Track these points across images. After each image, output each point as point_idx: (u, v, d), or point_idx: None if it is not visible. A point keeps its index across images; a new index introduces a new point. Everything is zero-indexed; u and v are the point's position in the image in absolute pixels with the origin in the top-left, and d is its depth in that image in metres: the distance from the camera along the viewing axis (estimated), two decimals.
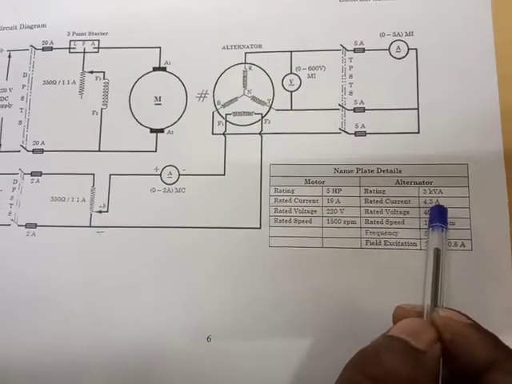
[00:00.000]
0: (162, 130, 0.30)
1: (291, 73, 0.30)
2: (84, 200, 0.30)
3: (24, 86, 0.31)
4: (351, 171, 0.29)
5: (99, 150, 0.30)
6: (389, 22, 0.30)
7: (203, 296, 0.28)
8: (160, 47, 0.31)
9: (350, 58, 0.30)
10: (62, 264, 0.29)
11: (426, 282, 0.24)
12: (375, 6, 0.30)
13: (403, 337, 0.20)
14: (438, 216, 0.27)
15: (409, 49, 0.29)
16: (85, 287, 0.29)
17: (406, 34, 0.30)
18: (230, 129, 0.30)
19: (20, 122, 0.31)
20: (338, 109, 0.29)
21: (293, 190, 0.29)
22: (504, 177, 0.28)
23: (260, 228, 0.29)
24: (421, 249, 0.27)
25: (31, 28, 0.32)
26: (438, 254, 0.25)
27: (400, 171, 0.28)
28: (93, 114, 0.30)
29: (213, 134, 0.30)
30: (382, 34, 0.30)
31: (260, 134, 0.30)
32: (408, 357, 0.19)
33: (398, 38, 0.30)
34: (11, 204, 0.30)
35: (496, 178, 0.28)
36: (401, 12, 0.30)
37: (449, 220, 0.27)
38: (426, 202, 0.28)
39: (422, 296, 0.24)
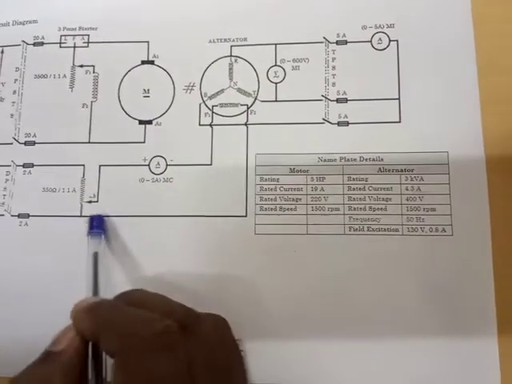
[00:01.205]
0: (150, 122, 0.31)
1: (276, 65, 0.31)
2: (74, 190, 0.30)
3: (16, 80, 0.32)
4: (334, 160, 0.29)
5: (89, 142, 0.31)
6: (370, 14, 0.31)
7: (189, 284, 0.29)
8: (148, 41, 0.32)
9: (333, 50, 0.30)
10: (53, 252, 0.30)
11: (87, 282, 0.26)
12: None
13: (47, 348, 0.22)
14: (96, 224, 0.29)
15: (390, 40, 0.30)
16: (76, 275, 0.29)
17: (388, 26, 0.30)
18: (217, 120, 0.31)
19: (12, 115, 0.32)
20: (322, 100, 0.30)
21: (278, 179, 0.30)
22: (484, 164, 0.28)
23: (246, 216, 0.29)
24: (403, 234, 0.28)
25: (23, 24, 0.33)
26: (96, 257, 0.27)
27: (382, 159, 0.29)
28: (83, 106, 0.31)
29: (200, 125, 0.31)
30: (364, 27, 0.30)
31: (246, 124, 0.30)
32: (45, 362, 0.22)
33: (380, 30, 0.30)
34: (4, 195, 0.31)
35: (475, 164, 0.28)
36: (382, 4, 0.31)
37: (425, 206, 0.28)
38: (407, 189, 0.29)
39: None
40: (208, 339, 0.22)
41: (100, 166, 0.30)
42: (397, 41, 0.30)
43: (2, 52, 0.33)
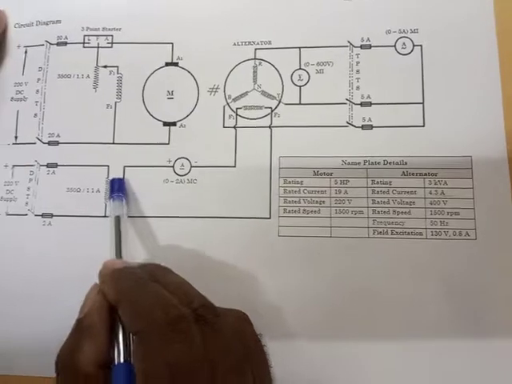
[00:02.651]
0: (174, 124, 0.31)
1: (300, 68, 0.31)
2: (99, 191, 0.30)
3: (39, 79, 0.32)
4: (358, 163, 0.29)
5: (113, 143, 0.31)
6: (395, 19, 0.31)
7: (213, 284, 0.29)
8: (172, 43, 0.32)
9: (357, 54, 0.31)
10: (77, 252, 0.30)
11: (111, 245, 0.26)
12: (381, 3, 0.31)
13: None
14: (117, 188, 0.29)
15: (414, 45, 0.30)
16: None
17: (411, 31, 0.31)
18: (241, 122, 0.31)
19: (35, 114, 0.32)
20: (346, 103, 0.30)
21: (301, 182, 0.30)
22: (507, 168, 0.28)
23: (270, 218, 0.29)
24: (426, 238, 0.28)
25: (47, 24, 0.33)
26: (118, 220, 0.27)
27: (406, 163, 0.29)
28: (107, 107, 0.31)
29: (224, 127, 0.31)
30: (388, 31, 0.31)
31: (270, 127, 0.30)
32: (73, 331, 0.23)
33: (404, 34, 0.31)
34: (28, 195, 0.31)
35: (499, 169, 0.28)
36: (406, 10, 0.31)
37: (449, 210, 0.28)
38: (431, 193, 0.29)
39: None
40: (227, 332, 0.22)
41: (124, 166, 0.31)
42: (421, 46, 0.30)
43: (26, 52, 0.33)
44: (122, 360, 0.21)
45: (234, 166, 0.30)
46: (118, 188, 0.29)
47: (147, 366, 0.19)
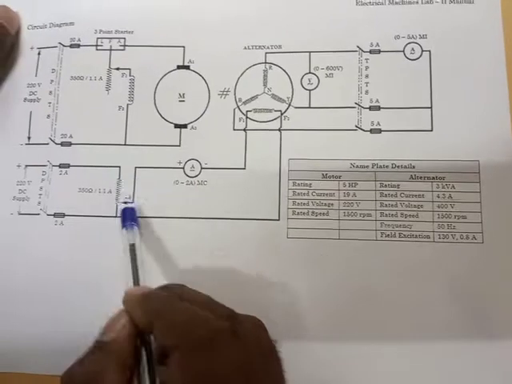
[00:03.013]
0: (185, 126, 0.31)
1: (310, 72, 0.31)
2: (110, 191, 0.31)
3: (52, 81, 0.33)
4: (367, 166, 0.30)
5: (125, 144, 0.31)
6: (403, 25, 0.31)
7: (222, 286, 0.29)
8: (184, 46, 0.32)
9: (367, 59, 0.31)
10: (88, 252, 0.30)
11: (126, 275, 0.26)
12: (390, 9, 0.31)
13: (97, 338, 0.23)
14: (129, 216, 0.29)
15: (422, 51, 0.31)
16: (111, 275, 0.30)
17: (420, 37, 0.31)
18: (251, 125, 0.31)
19: (48, 115, 0.32)
20: (355, 107, 0.31)
21: (310, 184, 0.30)
22: None
23: (279, 220, 0.30)
24: (434, 241, 0.29)
25: (60, 26, 0.33)
26: (133, 248, 0.28)
27: (414, 167, 0.30)
28: (119, 109, 0.32)
29: (234, 129, 0.31)
30: (397, 37, 0.31)
31: (279, 130, 0.31)
32: (95, 354, 0.22)
33: (412, 40, 0.31)
34: (40, 194, 0.31)
35: (506, 173, 0.29)
36: (415, 16, 0.31)
37: (456, 214, 0.29)
38: (438, 197, 0.29)
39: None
40: (248, 341, 0.23)
41: (136, 167, 0.31)
42: (429, 51, 0.31)
43: (39, 54, 0.33)
44: None
45: (244, 168, 0.31)
46: (130, 217, 0.29)
47: (187, 381, 0.20)
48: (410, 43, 0.31)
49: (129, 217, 0.29)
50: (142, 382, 0.22)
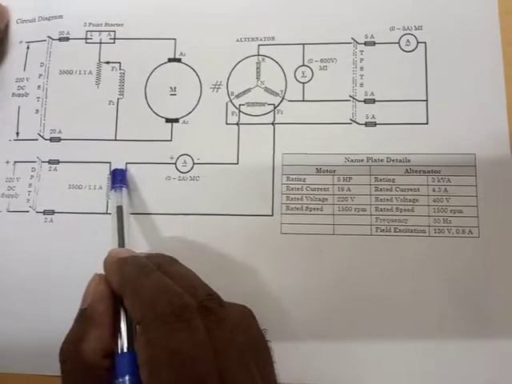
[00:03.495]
0: (176, 120, 0.31)
1: (303, 65, 0.31)
2: (101, 187, 0.30)
3: (41, 75, 0.32)
4: (361, 160, 0.29)
5: (115, 139, 0.31)
6: (399, 16, 0.31)
7: (216, 281, 0.29)
8: (175, 39, 0.32)
9: (361, 51, 0.30)
10: (78, 249, 0.30)
11: (112, 235, 0.27)
12: (385, 0, 0.31)
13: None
14: (118, 177, 0.29)
15: (418, 42, 0.30)
16: (101, 271, 0.29)
17: (416, 28, 0.30)
18: (244, 119, 0.31)
19: (37, 110, 0.32)
20: (349, 100, 0.30)
21: (304, 179, 0.30)
22: (511, 166, 0.28)
23: (272, 215, 0.29)
24: (429, 235, 0.28)
25: (49, 19, 0.33)
26: (120, 210, 0.27)
27: (409, 160, 0.29)
28: (109, 103, 0.31)
29: (226, 123, 0.31)
30: (392, 28, 0.31)
31: (273, 124, 0.30)
32: (76, 322, 0.23)
33: (408, 31, 0.30)
34: (29, 191, 0.31)
35: (503, 166, 0.28)
36: (410, 6, 0.31)
37: (452, 208, 0.28)
38: (434, 191, 0.29)
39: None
40: (233, 325, 0.22)
41: (126, 163, 0.30)
42: (425, 43, 0.30)
43: (28, 48, 0.32)
44: (125, 349, 0.21)
45: (237, 163, 0.30)
46: (120, 179, 0.29)
47: (150, 354, 0.19)
48: (405, 35, 0.30)
49: (118, 178, 0.29)
50: (122, 342, 0.22)
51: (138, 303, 0.21)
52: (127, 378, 0.20)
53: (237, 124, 0.31)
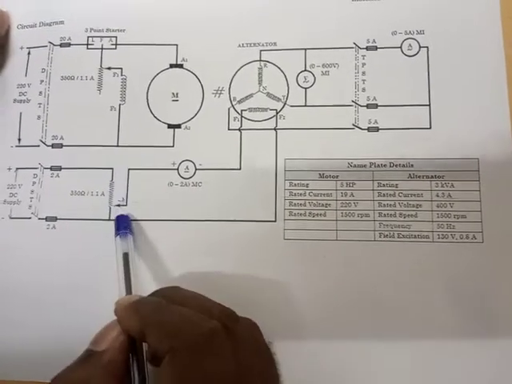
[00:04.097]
0: (179, 126, 0.31)
1: (305, 70, 0.31)
2: (103, 194, 0.30)
3: (42, 81, 0.32)
4: (364, 166, 0.29)
5: (117, 145, 0.31)
6: (400, 20, 0.31)
7: (219, 288, 0.29)
8: (177, 44, 0.31)
9: (363, 56, 0.30)
10: (81, 256, 0.30)
11: (119, 282, 0.26)
12: (387, 4, 0.31)
13: (88, 347, 0.23)
14: (123, 224, 0.29)
15: (420, 47, 0.30)
16: (104, 279, 0.29)
17: (418, 33, 0.30)
18: (246, 124, 0.30)
19: (39, 116, 0.32)
20: (352, 105, 0.30)
21: (307, 184, 0.30)
22: None
23: (275, 221, 0.29)
24: (433, 241, 0.28)
25: (50, 25, 0.32)
26: (126, 257, 0.27)
27: (412, 165, 0.29)
28: (111, 109, 0.31)
29: (229, 129, 0.30)
30: (394, 33, 0.30)
31: (275, 129, 0.30)
32: (86, 362, 0.22)
33: (410, 36, 0.30)
34: (31, 198, 0.31)
35: (506, 171, 0.28)
36: (412, 11, 0.31)
37: (456, 213, 0.28)
38: (437, 196, 0.29)
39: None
40: (245, 341, 0.22)
41: (129, 169, 0.30)
42: (427, 47, 0.30)
43: (29, 53, 0.32)
44: None
45: (239, 169, 0.30)
46: (124, 225, 0.29)
47: (183, 381, 0.19)
48: (407, 39, 0.30)
49: (122, 225, 0.29)
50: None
51: (164, 335, 0.21)
52: None
53: (239, 129, 0.30)
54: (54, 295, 0.29)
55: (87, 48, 0.32)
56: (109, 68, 0.32)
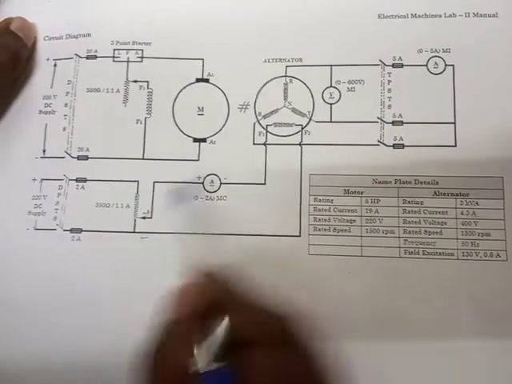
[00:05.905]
0: (204, 140, 0.31)
1: (331, 86, 0.31)
2: (128, 206, 0.30)
3: (68, 93, 0.32)
4: (389, 182, 0.29)
5: (143, 158, 0.31)
6: (426, 38, 0.31)
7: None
8: (203, 59, 0.32)
9: (389, 73, 0.31)
10: (106, 269, 0.30)
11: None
12: (413, 22, 0.31)
13: (164, 314, 0.23)
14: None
15: (446, 65, 0.30)
16: (128, 292, 0.29)
17: (443, 51, 0.31)
18: (271, 139, 0.31)
19: (64, 128, 0.32)
20: (377, 122, 0.30)
21: (332, 200, 0.30)
22: None
23: (300, 236, 0.29)
24: (458, 258, 0.28)
25: (76, 37, 0.33)
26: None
27: (437, 183, 0.29)
28: (137, 122, 0.31)
29: (254, 144, 0.31)
30: (420, 51, 0.31)
31: (300, 144, 0.30)
32: (164, 332, 0.22)
33: (436, 54, 0.30)
34: (56, 209, 0.31)
35: None
36: (438, 29, 0.31)
37: (480, 231, 0.28)
38: (462, 214, 0.29)
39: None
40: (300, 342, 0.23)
41: (154, 182, 0.30)
42: (453, 66, 0.30)
43: (55, 65, 0.32)
44: (214, 367, 0.21)
45: (264, 184, 0.30)
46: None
47: (256, 376, 0.20)
48: (433, 57, 0.30)
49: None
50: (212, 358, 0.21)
51: (248, 321, 0.21)
52: None
53: (264, 144, 0.31)
54: (77, 307, 0.29)
55: (113, 60, 0.32)
56: (135, 81, 0.32)
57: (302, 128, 0.31)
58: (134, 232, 0.30)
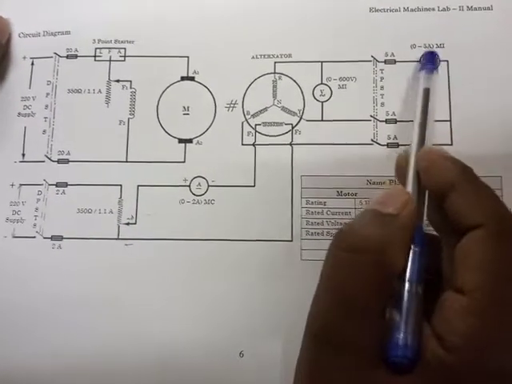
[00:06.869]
0: (190, 141, 0.30)
1: (322, 83, 0.30)
2: (111, 212, 0.29)
3: (48, 94, 0.31)
4: (384, 183, 0.28)
5: (126, 161, 0.30)
6: (419, 33, 0.30)
7: (234, 310, 0.28)
8: (188, 56, 0.30)
9: (381, 70, 0.29)
10: (88, 277, 0.28)
11: (415, 123, 0.25)
12: (406, 16, 0.30)
13: (373, 207, 0.21)
14: (430, 59, 0.28)
15: (440, 61, 0.29)
16: (112, 300, 0.28)
17: (437, 46, 0.29)
18: (260, 139, 0.29)
19: (44, 131, 0.30)
20: (370, 120, 0.29)
21: (325, 202, 0.28)
22: None
23: (292, 241, 0.28)
24: None
25: (54, 35, 0.31)
26: (427, 93, 0.26)
27: None
28: (120, 123, 0.30)
29: (242, 144, 0.29)
30: (413, 46, 0.30)
31: (290, 144, 0.29)
32: (378, 223, 0.20)
33: (429, 49, 0.29)
34: (36, 216, 0.29)
35: None
36: (431, 24, 0.30)
37: None
38: None
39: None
40: None
41: (138, 186, 0.29)
42: (447, 61, 0.29)
43: (33, 64, 0.31)
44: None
45: (254, 186, 0.29)
46: (431, 60, 0.28)
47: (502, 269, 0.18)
48: None
49: (430, 60, 0.28)
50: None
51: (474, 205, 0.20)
52: None
53: (253, 145, 0.29)
54: (59, 319, 0.28)
55: (95, 60, 0.31)
56: (117, 80, 0.30)
57: (293, 127, 0.29)
58: (117, 239, 0.29)
